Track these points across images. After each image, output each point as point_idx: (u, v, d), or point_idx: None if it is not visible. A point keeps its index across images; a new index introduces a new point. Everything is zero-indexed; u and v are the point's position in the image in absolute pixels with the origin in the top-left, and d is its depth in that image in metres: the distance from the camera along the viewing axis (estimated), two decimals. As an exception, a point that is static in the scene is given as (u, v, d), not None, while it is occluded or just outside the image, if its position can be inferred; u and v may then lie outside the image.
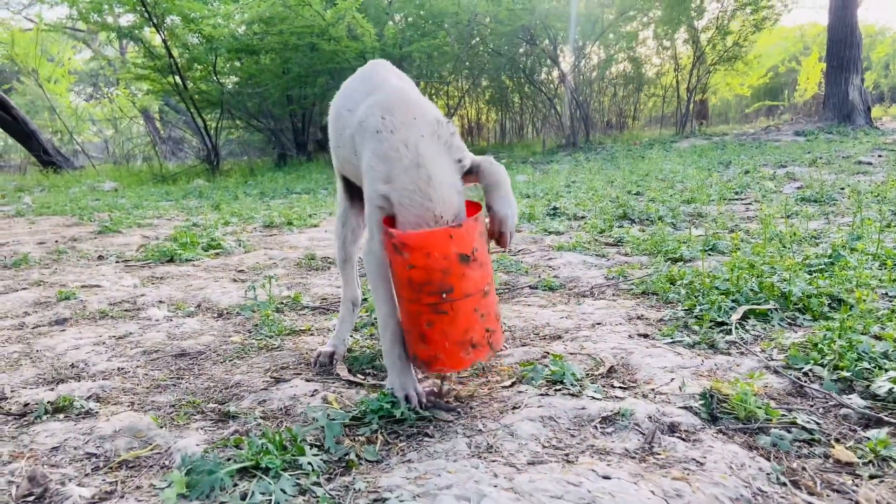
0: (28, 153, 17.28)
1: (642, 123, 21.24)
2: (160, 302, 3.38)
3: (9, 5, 22.50)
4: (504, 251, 1.95)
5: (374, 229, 1.80)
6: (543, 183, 8.91)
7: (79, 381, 2.20)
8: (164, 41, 13.07)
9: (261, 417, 1.75)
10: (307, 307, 3.19)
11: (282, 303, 3.23)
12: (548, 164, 12.87)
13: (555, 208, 6.11)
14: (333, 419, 1.63)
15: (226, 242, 5.01)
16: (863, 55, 14.84)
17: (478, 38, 15.67)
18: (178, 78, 13.54)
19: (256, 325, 2.84)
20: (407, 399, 1.75)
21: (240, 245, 5.06)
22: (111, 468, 1.53)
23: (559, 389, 1.83)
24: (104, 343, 2.63)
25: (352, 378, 2.07)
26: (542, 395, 1.80)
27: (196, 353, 2.47)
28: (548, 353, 2.21)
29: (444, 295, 1.69)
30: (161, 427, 1.72)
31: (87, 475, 1.51)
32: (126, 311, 3.18)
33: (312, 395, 1.90)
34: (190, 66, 14.26)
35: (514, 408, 1.73)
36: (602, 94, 19.31)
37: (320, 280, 3.82)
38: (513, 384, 1.94)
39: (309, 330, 2.74)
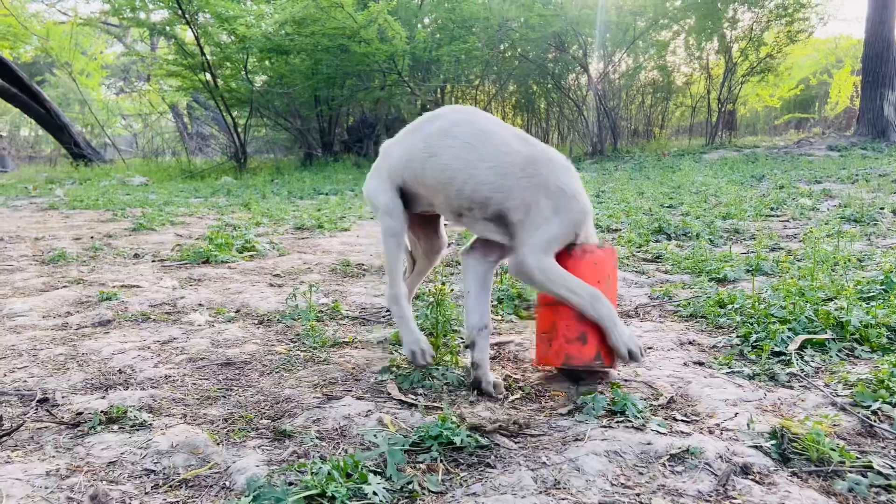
0: (58, 145, 17.53)
1: (669, 133, 21.05)
2: (200, 305, 3.38)
3: (44, -1, 22.78)
4: None
5: (557, 249, 2.10)
6: (573, 192, 8.83)
7: (127, 388, 2.19)
8: (197, 39, 13.18)
9: (317, 438, 1.73)
10: (347, 316, 3.16)
11: (321, 311, 3.21)
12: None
13: (588, 220, 6.03)
14: (394, 445, 1.60)
15: (260, 245, 5.01)
16: (899, 70, 14.56)
17: (507, 43, 15.62)
18: (208, 75, 13.66)
19: (299, 335, 2.82)
20: (634, 353, 2.02)
21: (273, 248, 5.05)
22: (171, 487, 1.51)
23: (621, 421, 1.78)
24: (149, 348, 2.63)
25: (403, 398, 2.04)
26: (604, 427, 1.75)
27: (242, 363, 2.46)
28: (601, 378, 2.16)
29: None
30: (218, 444, 1.70)
31: (147, 493, 1.49)
32: (167, 314, 3.18)
33: (367, 416, 1.86)
34: (221, 64, 14.38)
35: (577, 439, 1.69)
36: (630, 102, 19.17)
37: (357, 288, 3.80)
38: (569, 412, 1.90)
39: (352, 342, 2.71)
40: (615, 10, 14.72)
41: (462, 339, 2.67)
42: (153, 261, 4.58)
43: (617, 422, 1.78)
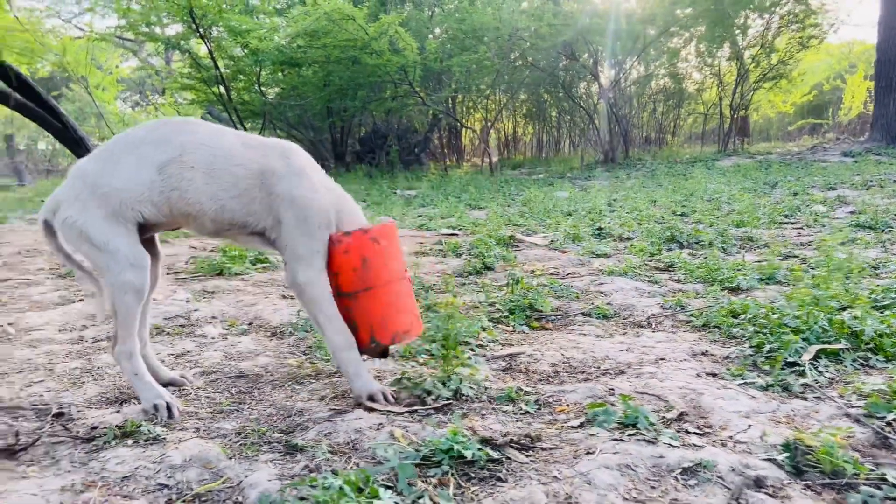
0: (75, 159, 17.73)
1: (681, 140, 20.99)
2: (213, 318, 3.41)
3: (60, 14, 23.16)
4: None
5: (321, 256, 2.12)
6: (584, 201, 8.82)
7: (140, 402, 2.22)
8: (211, 52, 13.33)
9: (329, 452, 1.73)
10: (359, 329, 3.17)
11: (333, 323, 3.22)
12: (586, 180, 12.75)
13: (599, 229, 6.03)
14: (405, 459, 1.61)
15: (273, 256, 5.04)
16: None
17: (517, 53, 15.67)
18: (222, 88, 13.80)
19: (310, 347, 2.83)
20: (376, 397, 2.09)
21: (286, 259, 5.08)
22: (185, 501, 1.52)
23: (633, 434, 1.77)
24: (163, 361, 2.65)
25: (414, 410, 2.04)
26: (616, 440, 1.75)
27: (255, 376, 2.47)
28: (612, 389, 2.16)
29: (406, 270, 2.25)
30: (230, 458, 1.71)
31: (160, 508, 1.50)
32: (181, 326, 3.21)
33: (378, 429, 1.87)
34: (234, 76, 14.53)
35: (588, 453, 1.68)
36: (641, 110, 19.13)
37: (368, 299, 3.80)
38: (581, 425, 1.89)
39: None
40: (625, 18, 14.72)
41: (472, 350, 2.67)
42: (168, 273, 4.62)
43: (629, 435, 1.77)
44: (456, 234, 6.49)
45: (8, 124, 23.04)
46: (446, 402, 2.10)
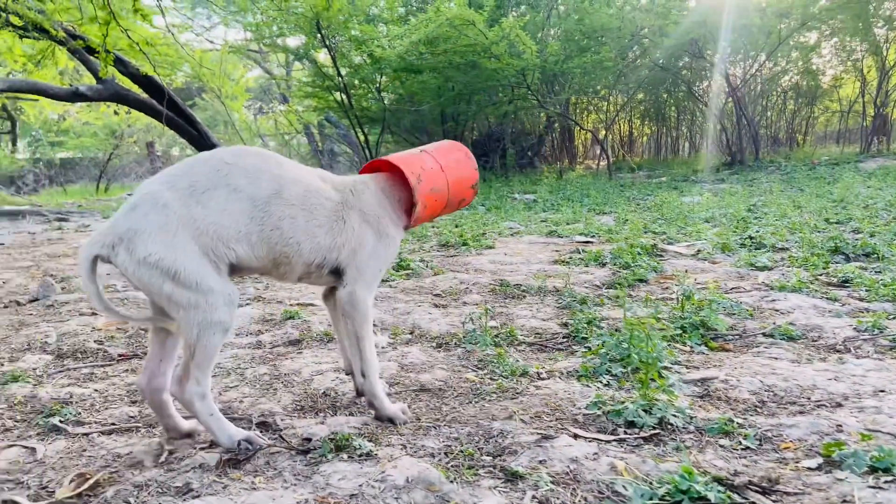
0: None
1: (812, 140, 19.60)
2: (374, 325, 3.46)
3: (193, 29, 24.77)
4: None
5: (378, 281, 2.23)
6: (721, 206, 8.38)
7: (335, 413, 2.26)
8: (334, 61, 13.80)
9: (551, 482, 1.67)
10: (524, 342, 3.11)
11: (496, 336, 3.18)
12: (715, 183, 12.14)
13: (750, 238, 5.67)
14: (644, 497, 1.52)
15: (413, 263, 5.09)
16: None
17: (638, 52, 15.18)
18: (343, 96, 14.25)
19: (482, 361, 2.80)
20: (405, 414, 2.17)
21: (426, 266, 5.12)
22: (420, 527, 1.51)
23: (891, 481, 1.59)
24: (343, 370, 2.70)
25: (622, 439, 1.94)
26: (872, 487, 1.57)
27: (437, 390, 2.46)
28: (840, 426, 1.96)
29: None
30: (451, 482, 1.69)
31: (396, 531, 1.49)
32: (348, 335, 3.27)
33: (594, 459, 1.79)
34: (352, 84, 14.97)
35: (845, 501, 1.52)
36: (770, 109, 18.04)
37: (521, 310, 3.74)
38: (819, 467, 1.72)
39: (540, 373, 2.65)
40: (757, 13, 13.89)
41: (659, 373, 2.54)
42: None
43: (886, 481, 1.59)
44: (591, 242, 6.32)
45: (146, 132, 24.91)
46: (653, 432, 1.99)
